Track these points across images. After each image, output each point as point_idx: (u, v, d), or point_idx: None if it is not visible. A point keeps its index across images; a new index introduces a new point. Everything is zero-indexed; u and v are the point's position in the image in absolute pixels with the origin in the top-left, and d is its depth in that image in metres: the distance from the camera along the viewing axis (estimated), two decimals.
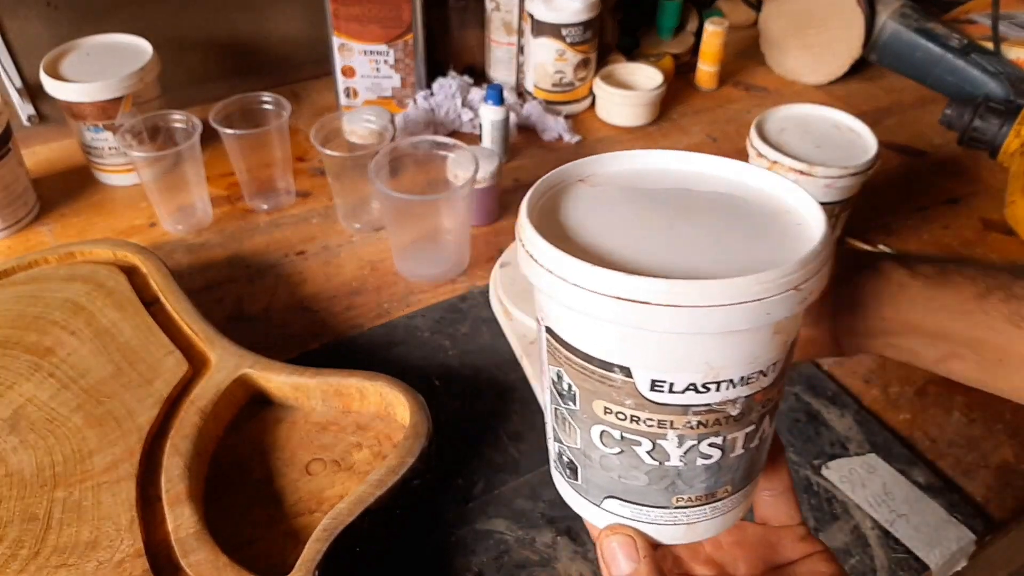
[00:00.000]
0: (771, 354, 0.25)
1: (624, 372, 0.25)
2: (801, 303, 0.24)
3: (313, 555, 0.43)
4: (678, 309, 0.23)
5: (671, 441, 0.26)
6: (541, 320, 0.28)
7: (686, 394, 0.25)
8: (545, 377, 0.29)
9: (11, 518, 0.47)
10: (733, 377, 0.25)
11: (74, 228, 0.77)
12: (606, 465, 0.28)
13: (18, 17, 0.81)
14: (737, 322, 0.23)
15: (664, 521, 0.29)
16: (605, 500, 0.29)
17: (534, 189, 0.28)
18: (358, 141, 0.75)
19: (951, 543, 0.51)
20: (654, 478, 0.28)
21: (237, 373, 0.54)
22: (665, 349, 0.24)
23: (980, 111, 0.85)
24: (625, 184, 0.29)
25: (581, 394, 0.27)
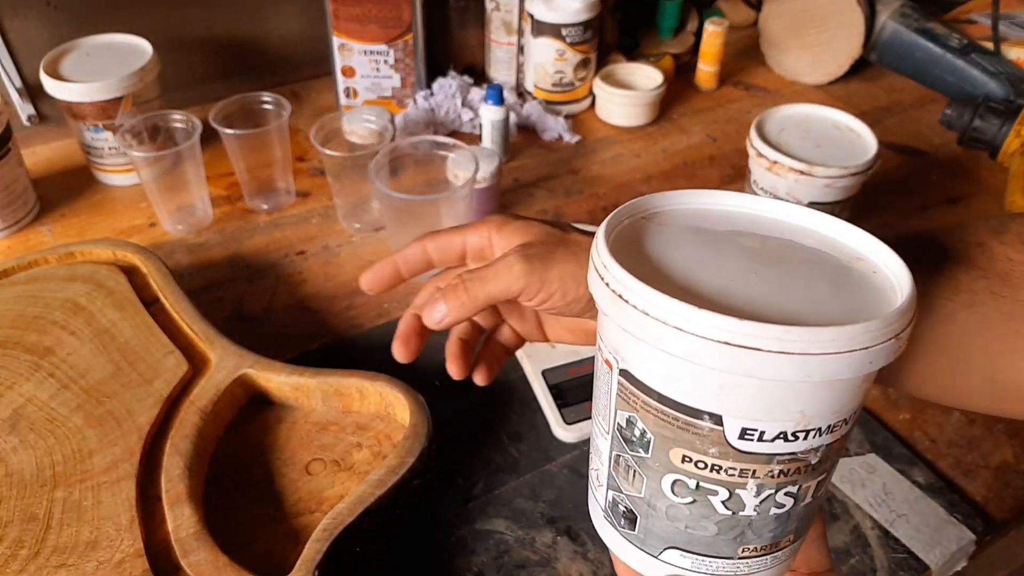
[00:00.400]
0: (856, 402, 0.26)
1: (714, 420, 0.25)
2: (896, 352, 0.24)
3: (313, 555, 0.43)
4: (790, 357, 0.22)
5: (750, 491, 0.26)
6: (615, 362, 0.26)
7: (775, 443, 0.25)
8: (608, 422, 0.28)
9: (11, 518, 0.47)
10: (822, 425, 0.25)
11: (74, 228, 0.77)
12: (673, 516, 0.28)
13: (18, 17, 0.81)
14: (844, 370, 0.23)
15: (725, 571, 0.28)
16: (665, 551, 0.29)
17: (607, 224, 0.27)
18: (358, 141, 0.75)
19: (951, 543, 0.51)
20: (724, 528, 0.27)
21: (237, 373, 0.54)
22: (763, 397, 0.24)
23: (980, 111, 0.85)
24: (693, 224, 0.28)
25: (657, 441, 0.26)
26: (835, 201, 0.67)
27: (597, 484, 0.31)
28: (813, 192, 0.66)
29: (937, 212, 0.81)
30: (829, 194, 0.66)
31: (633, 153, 0.89)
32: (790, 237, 0.28)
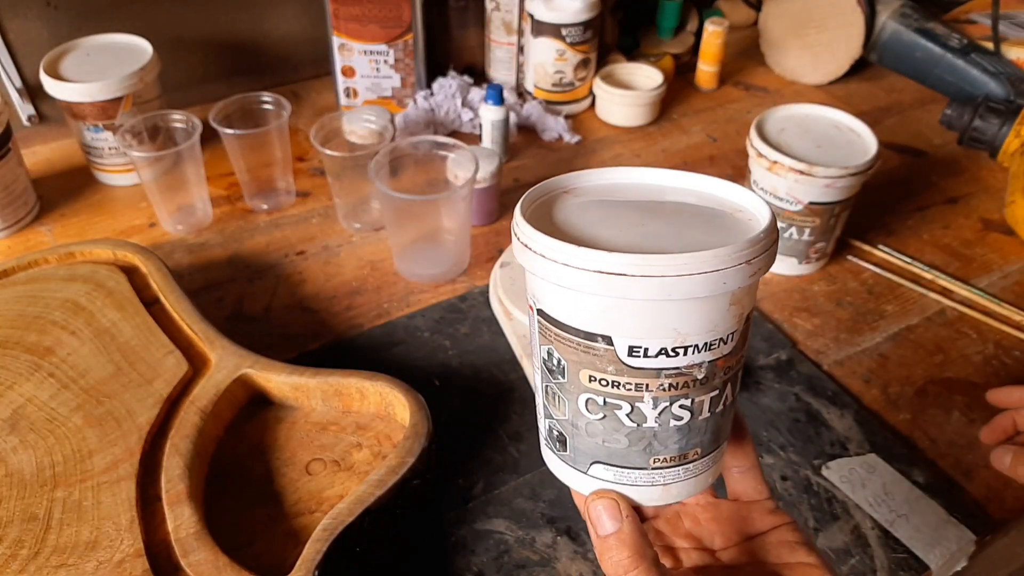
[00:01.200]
0: (729, 323, 0.30)
1: (606, 341, 0.29)
2: (752, 276, 0.28)
3: (313, 555, 0.43)
4: (650, 279, 0.27)
5: (647, 403, 0.30)
6: (533, 305, 0.32)
7: (659, 358, 0.29)
8: (537, 358, 0.33)
9: (11, 518, 0.47)
10: (698, 343, 0.29)
11: (74, 228, 0.77)
12: (591, 431, 0.32)
13: (18, 17, 0.81)
14: (699, 289, 0.27)
15: (643, 482, 0.32)
16: (591, 466, 0.33)
17: (526, 196, 0.32)
18: (358, 141, 0.75)
19: (951, 543, 0.51)
20: (633, 440, 0.31)
21: (237, 373, 0.54)
22: (640, 318, 0.29)
23: (980, 111, 0.85)
24: (603, 195, 0.34)
25: (569, 366, 0.31)
26: (835, 201, 0.67)
27: (539, 417, 0.36)
28: (813, 192, 0.66)
29: (937, 212, 0.81)
30: (829, 194, 0.66)
31: (633, 153, 0.89)
32: (683, 199, 0.33)
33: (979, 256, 0.76)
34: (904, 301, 0.70)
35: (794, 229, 0.69)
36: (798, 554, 0.34)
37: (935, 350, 0.66)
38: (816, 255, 0.71)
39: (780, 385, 0.62)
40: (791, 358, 0.64)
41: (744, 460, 0.37)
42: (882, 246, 0.76)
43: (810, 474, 0.56)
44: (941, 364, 0.64)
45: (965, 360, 0.65)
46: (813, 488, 0.55)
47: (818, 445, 0.57)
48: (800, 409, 0.60)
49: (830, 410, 0.60)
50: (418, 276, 0.71)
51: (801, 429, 0.59)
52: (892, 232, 0.78)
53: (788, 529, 0.35)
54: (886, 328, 0.68)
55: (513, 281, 0.66)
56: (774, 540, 0.35)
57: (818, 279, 0.73)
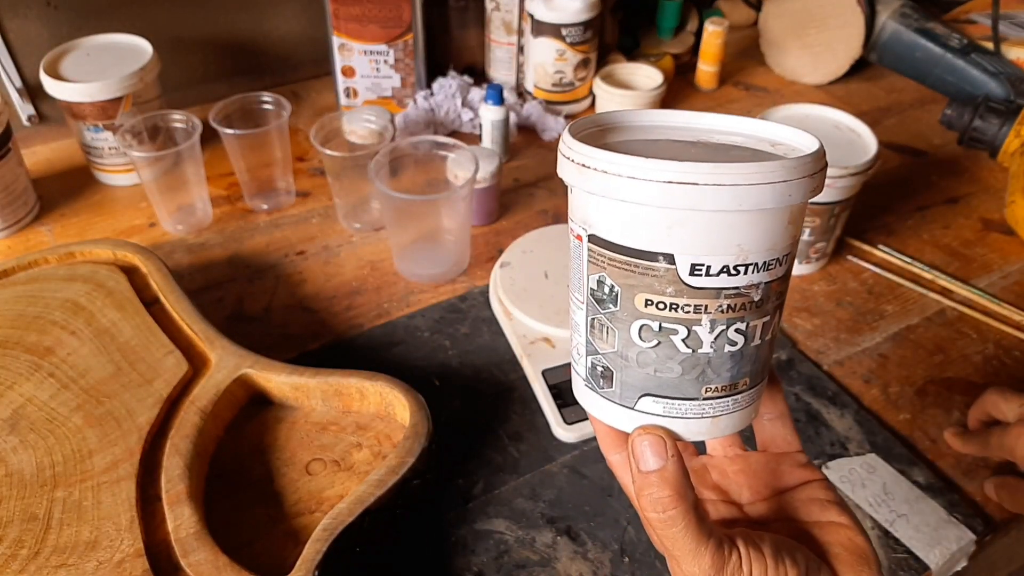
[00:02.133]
0: (786, 242, 0.30)
1: (667, 259, 0.29)
2: (812, 191, 0.29)
3: (313, 555, 0.43)
4: (722, 188, 0.27)
5: (704, 326, 0.30)
6: (583, 232, 0.31)
7: (720, 277, 0.29)
8: (583, 291, 0.32)
9: (11, 518, 0.47)
10: (758, 261, 0.29)
11: (74, 228, 0.77)
12: (643, 361, 0.31)
13: (18, 17, 0.81)
14: (768, 200, 0.27)
15: (693, 414, 0.32)
16: (640, 400, 0.32)
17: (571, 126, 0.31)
18: (358, 141, 0.75)
19: (951, 543, 0.51)
20: (687, 367, 0.31)
21: (237, 373, 0.54)
22: (705, 232, 0.28)
23: (980, 111, 0.85)
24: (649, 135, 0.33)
25: (623, 292, 0.30)
26: (835, 201, 0.67)
27: (577, 358, 0.34)
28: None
29: (937, 212, 0.81)
30: (829, 194, 0.66)
31: None
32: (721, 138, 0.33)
33: (979, 256, 0.76)
34: (904, 301, 0.70)
35: None
36: (829, 512, 0.33)
37: (935, 350, 0.66)
38: (816, 255, 0.71)
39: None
40: (791, 358, 0.64)
41: (775, 407, 0.36)
42: (882, 246, 0.76)
43: None
44: (941, 364, 0.64)
45: (965, 360, 0.65)
46: None
47: (818, 445, 0.57)
48: (800, 409, 0.60)
49: (830, 410, 0.60)
50: (418, 276, 0.71)
51: (801, 429, 0.59)
52: (892, 232, 0.78)
53: (819, 486, 0.34)
54: (886, 328, 0.68)
55: (513, 281, 0.66)
56: (804, 497, 0.34)
57: (818, 279, 0.73)
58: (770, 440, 0.36)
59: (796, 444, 0.36)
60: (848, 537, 0.32)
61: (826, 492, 0.34)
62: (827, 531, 0.33)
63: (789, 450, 0.36)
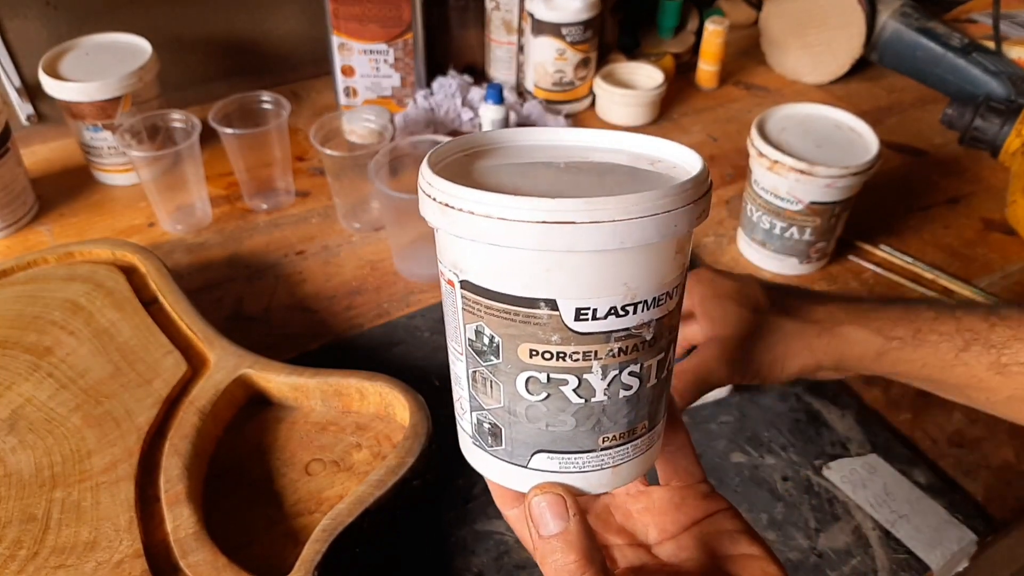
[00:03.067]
0: (675, 274, 0.28)
1: (550, 306, 0.27)
2: (698, 218, 0.27)
3: (312, 555, 0.43)
4: (601, 225, 0.25)
5: (596, 373, 0.28)
6: (455, 276, 0.28)
7: (608, 319, 0.27)
8: (460, 342, 0.30)
9: (10, 518, 0.46)
10: (647, 298, 0.27)
11: (73, 228, 0.77)
12: (532, 416, 0.29)
13: (17, 16, 0.81)
14: (653, 234, 0.25)
15: (591, 467, 0.30)
16: (533, 457, 0.30)
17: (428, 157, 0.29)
18: (358, 141, 0.74)
19: (952, 543, 0.51)
20: (581, 418, 0.29)
21: (236, 373, 0.54)
22: (587, 274, 0.26)
23: (981, 110, 0.85)
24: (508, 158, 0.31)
25: (504, 343, 0.28)
26: (836, 201, 0.66)
27: (461, 413, 0.32)
28: (814, 192, 0.65)
29: (938, 212, 0.81)
30: (830, 194, 0.66)
31: None
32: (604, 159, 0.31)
33: (980, 256, 0.75)
34: None
35: (795, 229, 0.69)
36: (740, 544, 0.32)
37: None
38: (817, 255, 0.71)
39: (781, 385, 0.62)
40: None
41: (675, 438, 0.34)
42: (883, 246, 0.76)
43: (811, 474, 0.55)
44: None
45: None
46: (814, 488, 0.55)
47: (819, 445, 0.57)
48: (801, 409, 0.60)
49: (831, 410, 0.60)
50: (418, 276, 0.71)
51: (802, 429, 0.59)
52: (893, 232, 0.78)
53: (726, 516, 0.33)
54: None
55: None
56: (712, 530, 0.33)
57: (819, 279, 0.72)
58: (672, 473, 0.34)
59: (699, 474, 0.34)
60: (761, 568, 0.31)
61: (734, 522, 0.33)
62: (740, 564, 0.31)
63: (692, 481, 0.34)
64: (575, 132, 0.32)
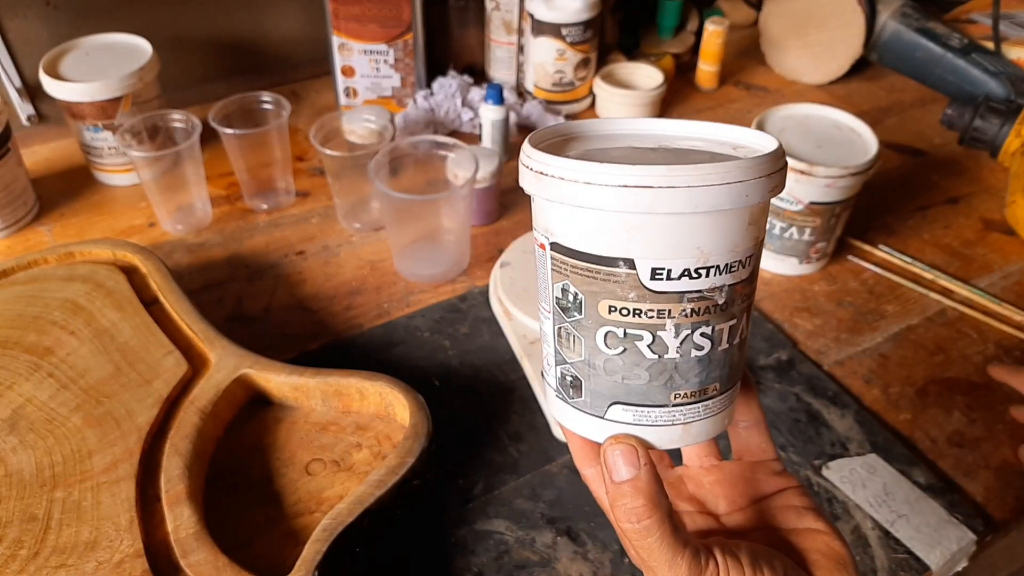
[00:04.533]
0: (747, 244, 0.29)
1: (628, 264, 0.29)
2: (771, 191, 0.29)
3: (313, 555, 0.43)
4: (676, 190, 0.27)
5: (669, 331, 0.30)
6: (547, 238, 0.31)
7: (681, 280, 0.29)
8: (549, 300, 0.32)
9: (10, 518, 0.47)
10: (719, 263, 0.29)
11: (73, 228, 0.77)
12: (610, 369, 0.31)
13: (18, 17, 0.81)
14: (724, 200, 0.27)
15: (663, 421, 0.32)
16: (609, 408, 0.32)
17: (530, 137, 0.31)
18: (358, 141, 0.75)
19: (952, 543, 0.51)
20: (654, 373, 0.31)
21: (237, 373, 0.54)
22: (664, 235, 0.28)
23: (981, 111, 0.85)
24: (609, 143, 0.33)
25: (586, 299, 0.30)
26: (835, 201, 0.66)
27: (548, 368, 0.34)
28: (813, 192, 0.66)
29: (937, 212, 0.81)
30: (830, 194, 0.66)
31: None
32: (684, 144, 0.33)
33: (980, 256, 0.76)
34: (905, 301, 0.70)
35: (795, 229, 0.69)
36: (806, 519, 0.33)
37: (936, 350, 0.66)
38: (817, 255, 0.71)
39: (780, 385, 0.62)
40: (791, 358, 0.64)
41: (750, 414, 0.35)
42: (883, 246, 0.76)
43: (811, 474, 0.56)
44: (942, 364, 0.64)
45: (966, 360, 0.65)
46: (814, 488, 0.55)
47: (819, 445, 0.57)
48: (801, 409, 0.60)
49: (831, 410, 0.60)
50: (418, 276, 0.71)
51: (802, 429, 0.59)
52: (893, 232, 0.78)
53: (795, 493, 0.34)
54: (887, 328, 0.68)
55: (513, 281, 0.66)
56: (780, 504, 0.34)
57: (819, 279, 0.73)
58: (745, 448, 0.36)
59: (772, 452, 0.36)
60: (825, 543, 0.32)
61: (802, 499, 0.34)
62: (805, 538, 0.33)
63: (764, 458, 0.36)
64: (663, 122, 0.34)
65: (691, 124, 0.34)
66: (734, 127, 0.33)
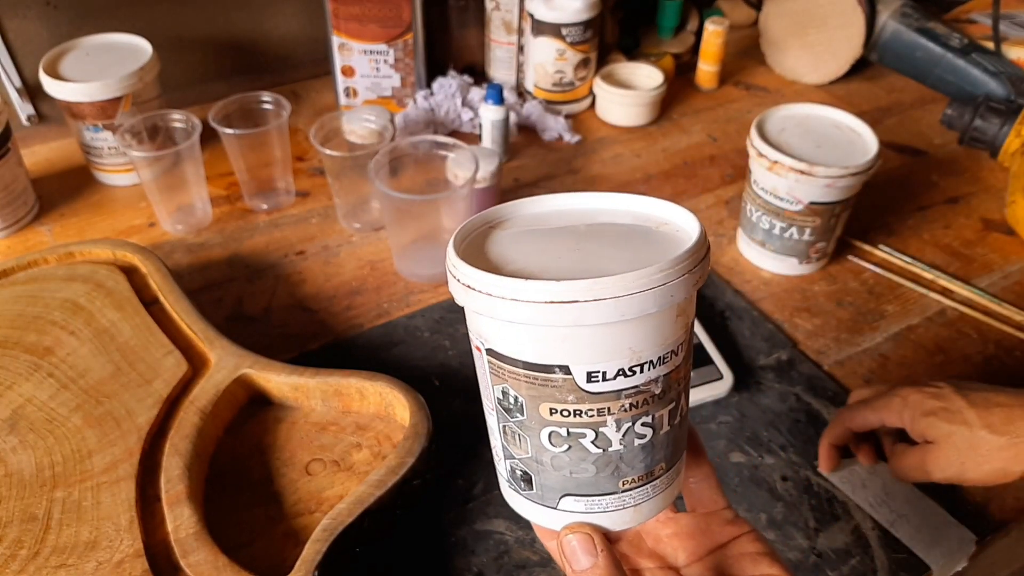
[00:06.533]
0: (677, 334, 0.30)
1: (563, 371, 0.29)
2: (695, 285, 0.29)
3: (313, 555, 0.43)
4: (603, 302, 0.27)
5: (610, 427, 0.31)
6: (481, 345, 0.31)
7: (617, 380, 0.30)
8: (491, 399, 0.33)
9: (11, 518, 0.47)
10: (652, 358, 0.30)
11: (73, 228, 0.77)
12: (557, 464, 0.32)
13: (18, 17, 0.81)
14: (651, 305, 0.28)
15: (614, 507, 0.33)
16: (561, 500, 0.33)
17: (455, 236, 0.32)
18: (358, 141, 0.75)
19: (952, 543, 0.51)
20: (601, 466, 0.32)
21: (237, 373, 0.54)
22: (595, 342, 0.29)
23: (981, 111, 0.85)
24: (533, 225, 0.34)
25: (527, 402, 0.31)
26: (835, 201, 0.66)
27: (498, 460, 0.35)
28: (813, 192, 0.66)
29: (937, 212, 0.81)
30: (829, 194, 0.66)
31: (633, 153, 0.89)
32: (610, 220, 0.34)
33: (980, 256, 0.76)
34: (905, 301, 0.70)
35: (794, 229, 0.69)
36: (761, 565, 0.34)
37: (936, 350, 0.66)
38: (816, 255, 0.71)
39: (781, 385, 0.62)
40: (792, 358, 0.64)
41: (698, 471, 0.37)
42: (883, 246, 0.76)
43: (810, 475, 0.56)
44: (942, 364, 0.64)
45: (966, 360, 0.65)
46: (813, 489, 0.55)
47: (818, 446, 0.57)
48: (801, 409, 0.60)
49: (831, 410, 0.60)
50: (418, 276, 0.71)
51: (802, 429, 0.59)
52: (893, 232, 0.78)
53: (749, 539, 0.35)
54: (887, 328, 0.68)
55: None
56: (736, 552, 0.35)
57: (818, 279, 0.73)
58: (698, 501, 0.37)
59: (722, 502, 0.37)
60: None
61: (756, 544, 0.35)
62: None
63: (716, 508, 0.37)
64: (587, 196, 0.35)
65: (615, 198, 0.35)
66: (656, 201, 0.34)
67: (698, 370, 0.61)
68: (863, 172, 0.65)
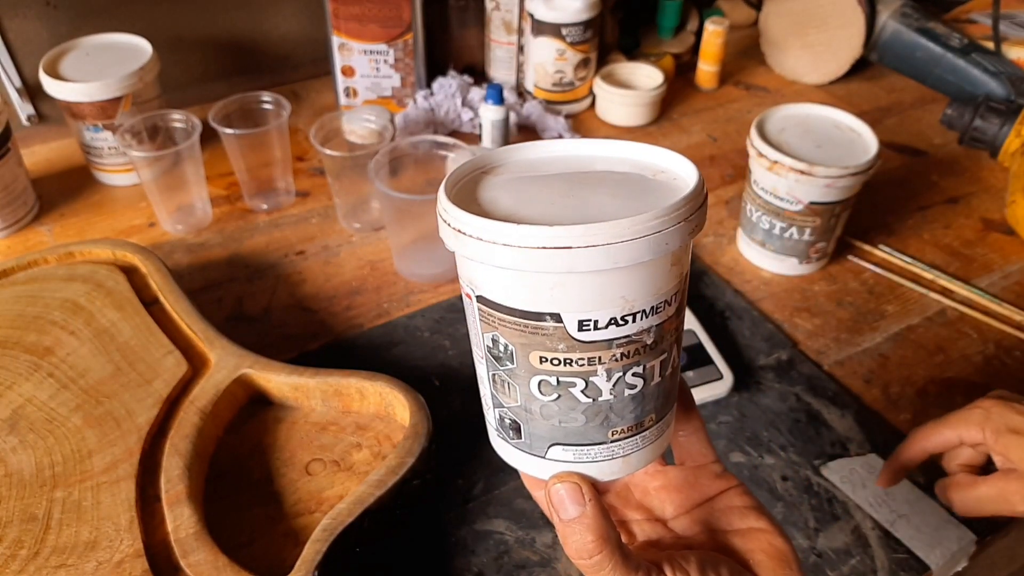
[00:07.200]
0: (671, 284, 0.30)
1: (554, 319, 0.29)
2: (691, 233, 0.28)
3: (313, 555, 0.43)
4: (595, 248, 0.26)
5: (601, 376, 0.30)
6: (471, 292, 0.31)
7: (608, 329, 0.29)
8: (480, 348, 0.32)
9: (11, 518, 0.47)
10: (645, 308, 0.29)
11: (73, 228, 0.77)
12: (546, 413, 0.31)
13: (18, 17, 0.81)
14: (644, 253, 0.27)
15: (603, 457, 0.32)
16: (549, 449, 0.32)
17: (447, 179, 0.31)
18: (358, 141, 0.75)
19: (952, 543, 0.51)
20: (590, 415, 0.31)
21: (237, 373, 0.54)
22: (587, 290, 0.28)
23: (981, 111, 0.85)
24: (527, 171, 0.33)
25: (517, 350, 0.30)
26: (835, 201, 0.66)
27: (486, 408, 0.35)
28: (813, 192, 0.66)
29: (937, 212, 0.81)
30: (830, 194, 0.66)
31: None
32: (606, 167, 0.33)
33: (980, 256, 0.76)
34: (905, 301, 0.70)
35: (794, 229, 0.69)
36: (748, 519, 0.34)
37: (936, 350, 0.66)
38: (816, 255, 0.71)
39: (780, 385, 0.62)
40: (791, 358, 0.64)
41: (688, 425, 0.37)
42: (883, 246, 0.76)
43: (810, 474, 0.56)
44: (942, 364, 0.64)
45: (966, 360, 0.65)
46: (813, 488, 0.55)
47: (819, 445, 0.57)
48: (801, 409, 0.60)
49: (831, 410, 0.60)
50: (418, 276, 0.71)
51: (802, 429, 0.59)
52: (893, 232, 0.78)
53: (736, 492, 0.35)
54: (887, 328, 0.68)
55: None
56: (723, 505, 0.35)
57: (818, 279, 0.73)
58: (687, 454, 0.37)
59: (712, 455, 0.37)
60: (768, 541, 0.33)
61: (743, 498, 0.35)
62: (748, 538, 0.34)
63: (704, 462, 0.37)
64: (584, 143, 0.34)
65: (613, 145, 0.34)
66: (656, 149, 0.33)
67: (698, 370, 0.61)
68: (863, 172, 0.65)
